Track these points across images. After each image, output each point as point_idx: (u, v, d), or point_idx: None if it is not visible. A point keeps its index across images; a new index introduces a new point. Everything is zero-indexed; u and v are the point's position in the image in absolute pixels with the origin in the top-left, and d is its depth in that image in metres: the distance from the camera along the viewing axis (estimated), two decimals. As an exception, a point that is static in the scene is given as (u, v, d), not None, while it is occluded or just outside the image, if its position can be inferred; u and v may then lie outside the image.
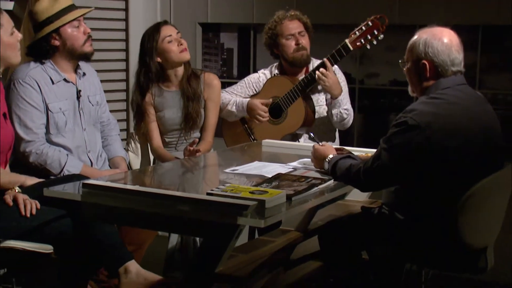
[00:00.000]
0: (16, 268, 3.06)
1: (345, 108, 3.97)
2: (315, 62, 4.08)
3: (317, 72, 3.88)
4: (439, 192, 2.76)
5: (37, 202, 2.99)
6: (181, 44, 3.92)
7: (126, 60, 5.17)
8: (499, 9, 4.30)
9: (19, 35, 3.10)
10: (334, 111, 3.98)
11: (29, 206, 2.97)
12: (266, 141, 3.89)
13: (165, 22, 4.02)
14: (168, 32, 3.92)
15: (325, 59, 3.90)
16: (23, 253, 2.94)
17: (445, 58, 2.82)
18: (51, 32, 3.43)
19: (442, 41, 2.83)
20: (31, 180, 3.13)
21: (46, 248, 2.98)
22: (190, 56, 4.03)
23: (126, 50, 5.16)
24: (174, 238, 3.85)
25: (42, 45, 3.44)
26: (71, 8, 3.48)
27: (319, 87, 4.05)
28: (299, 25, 4.06)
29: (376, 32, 3.82)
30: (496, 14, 4.31)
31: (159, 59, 3.91)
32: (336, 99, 3.94)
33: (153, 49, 3.91)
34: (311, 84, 3.95)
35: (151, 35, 3.94)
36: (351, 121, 4.06)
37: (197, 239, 3.77)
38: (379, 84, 4.78)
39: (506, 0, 4.28)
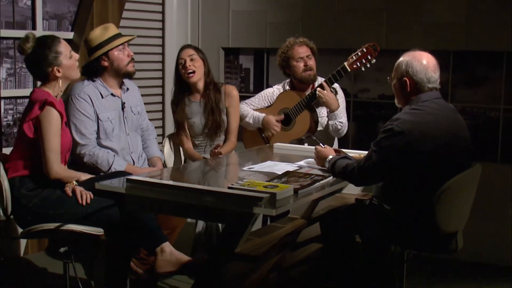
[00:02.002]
0: (74, 246, 3.09)
1: (340, 121, 3.94)
2: (319, 80, 4.06)
3: (317, 90, 3.88)
4: (418, 187, 2.76)
5: (91, 193, 3.02)
6: (186, 67, 3.85)
7: (162, 78, 5.22)
8: (467, 38, 4.32)
9: (76, 56, 3.15)
10: (330, 122, 3.97)
11: (85, 196, 3.01)
12: (277, 144, 3.88)
13: (185, 46, 3.96)
14: (181, 55, 3.89)
15: (323, 81, 3.89)
16: (80, 234, 2.99)
17: (422, 77, 2.83)
18: (102, 55, 3.47)
19: (421, 62, 2.83)
20: (85, 176, 3.15)
21: (98, 230, 3.01)
22: (201, 78, 3.91)
23: (162, 70, 5.21)
24: (200, 224, 3.86)
25: (94, 65, 3.49)
26: (118, 36, 3.53)
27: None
28: (307, 49, 4.03)
29: (369, 57, 3.79)
30: (464, 42, 4.33)
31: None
32: (333, 113, 3.93)
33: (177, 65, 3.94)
34: (313, 99, 3.94)
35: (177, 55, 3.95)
36: (345, 132, 4.02)
37: (220, 225, 3.79)
38: (369, 98, 4.77)
39: (473, 31, 4.30)
